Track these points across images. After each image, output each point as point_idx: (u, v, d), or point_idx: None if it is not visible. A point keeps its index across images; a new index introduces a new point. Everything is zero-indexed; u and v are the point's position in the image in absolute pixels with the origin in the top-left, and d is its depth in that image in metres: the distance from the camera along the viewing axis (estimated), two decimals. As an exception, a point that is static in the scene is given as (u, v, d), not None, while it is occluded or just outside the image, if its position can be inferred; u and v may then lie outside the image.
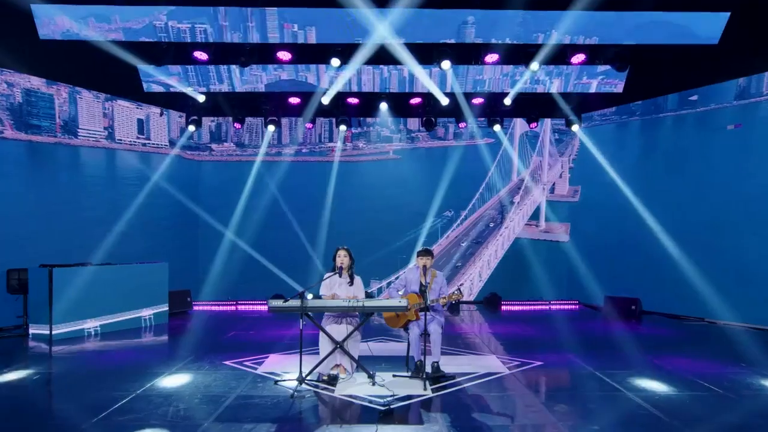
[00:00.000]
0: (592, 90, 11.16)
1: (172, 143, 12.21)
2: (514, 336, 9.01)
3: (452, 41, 9.31)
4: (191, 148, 12.71)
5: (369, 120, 12.86)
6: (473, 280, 12.89)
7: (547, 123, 12.96)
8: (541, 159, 13.20)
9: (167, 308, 10.09)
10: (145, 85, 10.81)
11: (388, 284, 12.14)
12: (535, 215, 13.15)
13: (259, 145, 12.83)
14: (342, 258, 6.25)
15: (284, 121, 12.84)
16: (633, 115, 11.67)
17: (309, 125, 11.65)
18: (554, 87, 11.15)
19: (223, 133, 13.09)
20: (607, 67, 9.80)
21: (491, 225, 13.13)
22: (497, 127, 11.82)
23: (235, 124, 11.66)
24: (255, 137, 13.07)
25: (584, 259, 11.87)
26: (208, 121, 12.81)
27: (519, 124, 12.96)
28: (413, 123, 12.85)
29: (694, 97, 10.54)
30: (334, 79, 10.49)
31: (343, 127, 11.73)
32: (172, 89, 10.90)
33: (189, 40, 9.17)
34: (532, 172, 13.20)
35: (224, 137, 13.09)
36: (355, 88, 11.20)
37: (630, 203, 11.02)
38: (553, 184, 13.19)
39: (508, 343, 8.37)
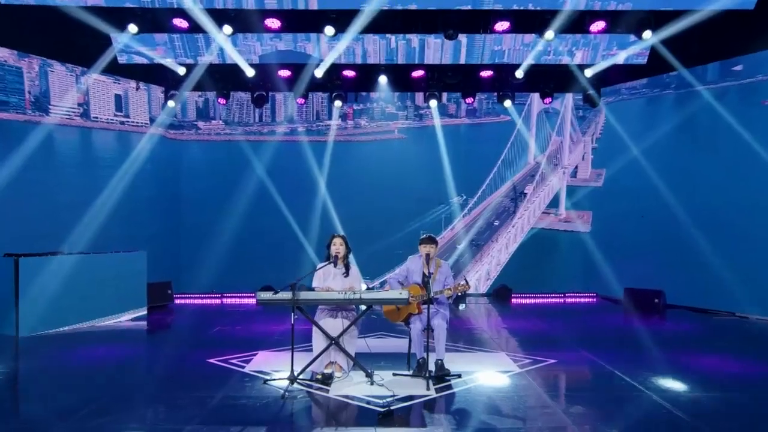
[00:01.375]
0: (620, 61, 10.63)
1: (153, 121, 12.12)
2: (525, 331, 9.00)
3: (468, 8, 9.14)
4: (175, 126, 12.61)
5: (372, 95, 12.61)
6: (480, 277, 12.74)
7: (569, 99, 12.66)
8: (561, 139, 12.94)
9: (145, 301, 10.07)
10: (125, 57, 10.65)
11: (382, 284, 11.62)
12: (554, 202, 12.94)
13: (250, 123, 12.70)
14: (338, 246, 6.19)
15: (279, 96, 12.68)
16: (667, 88, 11.24)
17: (301, 100, 11.53)
18: (577, 59, 10.83)
19: (210, 110, 12.96)
20: (632, 36, 9.62)
21: (502, 215, 12.96)
22: (508, 103, 11.56)
23: (219, 100, 11.51)
24: (246, 114, 12.94)
25: (604, 247, 11.77)
26: (195, 96, 12.65)
27: (536, 101, 12.59)
28: (422, 98, 12.52)
29: (739, 67, 10.11)
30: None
31: (338, 103, 11.47)
32: (156, 61, 10.73)
33: (175, 6, 9.04)
34: (551, 155, 12.97)
35: (212, 114, 12.96)
36: (359, 60, 11.01)
37: (656, 187, 10.82)
38: (575, 168, 12.95)
39: (520, 338, 8.35)
